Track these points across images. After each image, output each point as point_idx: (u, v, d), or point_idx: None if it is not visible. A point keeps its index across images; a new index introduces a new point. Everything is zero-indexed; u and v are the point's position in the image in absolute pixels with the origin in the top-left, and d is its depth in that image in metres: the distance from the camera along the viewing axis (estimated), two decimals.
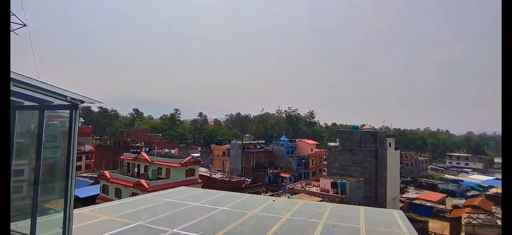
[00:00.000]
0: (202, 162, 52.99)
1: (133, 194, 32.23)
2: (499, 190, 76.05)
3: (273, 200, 12.73)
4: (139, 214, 9.99)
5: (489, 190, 77.72)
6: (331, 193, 42.29)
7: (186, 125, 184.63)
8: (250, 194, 15.38)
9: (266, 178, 69.17)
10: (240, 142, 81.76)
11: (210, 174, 57.66)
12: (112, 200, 31.31)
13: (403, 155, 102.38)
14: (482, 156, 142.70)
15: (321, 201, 34.55)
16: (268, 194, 49.40)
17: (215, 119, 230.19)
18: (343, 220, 10.02)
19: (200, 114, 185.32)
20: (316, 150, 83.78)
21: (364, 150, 50.50)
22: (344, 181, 43.76)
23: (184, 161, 42.00)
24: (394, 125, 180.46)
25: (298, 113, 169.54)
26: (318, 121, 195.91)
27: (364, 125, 63.88)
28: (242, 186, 52.32)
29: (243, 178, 61.23)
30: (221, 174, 61.56)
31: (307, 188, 46.89)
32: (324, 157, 76.76)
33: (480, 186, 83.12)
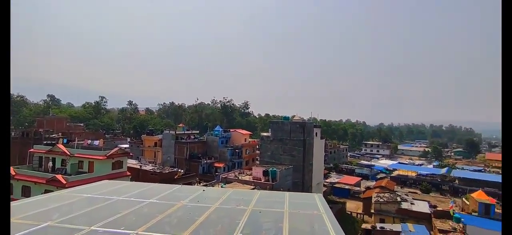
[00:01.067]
0: (131, 154, 49.49)
1: (47, 192, 28.37)
2: (401, 172, 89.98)
3: (203, 190, 12.74)
4: (49, 214, 8.90)
5: (393, 172, 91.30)
6: (262, 181, 44.14)
7: (114, 114, 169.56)
8: (180, 185, 15.07)
9: (200, 168, 68.41)
10: (173, 132, 78.86)
11: (141, 166, 54.37)
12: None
13: (327, 144, 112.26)
14: (389, 144, 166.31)
15: (253, 189, 35.81)
16: (201, 184, 49.03)
17: (146, 108, 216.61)
18: (269, 206, 10.62)
19: (130, 102, 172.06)
20: (250, 140, 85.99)
21: (294, 139, 53.78)
22: (275, 169, 46.05)
23: (111, 153, 38.59)
24: (320, 116, 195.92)
25: (233, 104, 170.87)
26: (252, 111, 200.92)
27: (294, 116, 67.74)
28: (175, 177, 50.75)
29: (176, 169, 59.37)
30: (152, 166, 58.56)
31: (240, 177, 47.98)
32: (257, 147, 79.37)
33: (387, 169, 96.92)
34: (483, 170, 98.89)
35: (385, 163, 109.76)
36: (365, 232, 37.95)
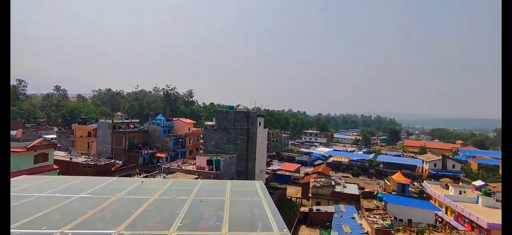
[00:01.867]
0: (58, 145, 44.37)
1: None
2: (336, 158, 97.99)
3: (142, 181, 12.19)
4: None
5: (329, 159, 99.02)
6: (206, 170, 43.90)
7: (37, 100, 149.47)
8: (116, 177, 14.14)
9: (140, 159, 64.87)
10: (110, 121, 72.97)
11: (71, 158, 49.27)
12: None
13: (270, 133, 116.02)
14: (326, 133, 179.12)
15: (196, 178, 35.41)
16: (142, 175, 46.63)
17: (78, 94, 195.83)
18: (211, 195, 10.68)
19: (57, 88, 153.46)
20: (194, 129, 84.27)
21: (238, 128, 54.35)
22: (219, 158, 46.13)
23: (32, 144, 34.12)
24: (264, 106, 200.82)
25: (176, 92, 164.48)
26: (197, 100, 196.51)
27: (238, 105, 68.27)
28: (112, 169, 47.28)
29: (113, 160, 55.26)
30: (85, 158, 53.51)
31: (183, 167, 46.94)
32: (201, 136, 78.27)
33: (323, 156, 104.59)
34: (401, 155, 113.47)
35: (322, 150, 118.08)
36: (303, 215, 40.62)
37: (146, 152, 66.85)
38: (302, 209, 43.36)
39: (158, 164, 62.61)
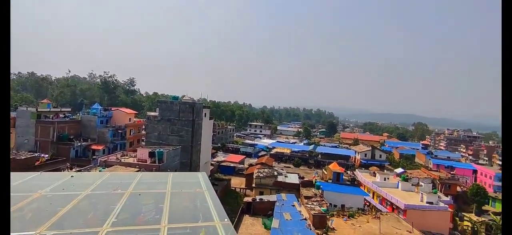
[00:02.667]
0: None
1: None
2: (278, 150, 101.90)
3: (72, 176, 11.14)
4: None
5: (272, 150, 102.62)
6: (148, 163, 41.84)
7: None
8: (40, 173, 12.65)
9: (72, 152, 58.64)
10: (34, 110, 64.19)
11: None
12: None
13: (216, 124, 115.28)
14: (270, 125, 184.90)
15: (137, 171, 33.53)
16: (73, 170, 42.35)
17: None
18: (151, 187, 10.31)
19: None
20: (135, 119, 79.22)
21: (183, 119, 52.77)
22: (162, 150, 44.32)
23: None
24: (210, 97, 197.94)
25: (116, 80, 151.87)
26: (139, 89, 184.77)
27: (184, 96, 66.23)
28: (36, 164, 41.90)
29: (37, 153, 48.94)
30: None
31: (123, 160, 43.98)
32: (143, 127, 74.10)
33: (267, 147, 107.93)
34: (337, 146, 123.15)
35: (266, 142, 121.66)
36: (246, 204, 41.59)
37: (79, 144, 60.74)
38: (245, 199, 44.29)
39: (94, 157, 57.54)
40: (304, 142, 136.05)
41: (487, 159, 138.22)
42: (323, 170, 70.34)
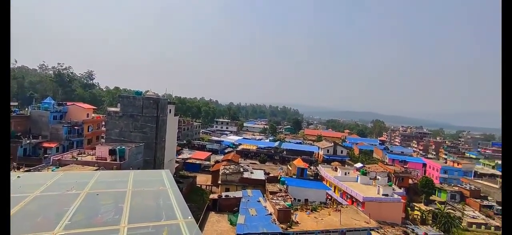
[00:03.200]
0: None
1: None
2: (245, 146, 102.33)
3: (18, 177, 10.25)
4: None
5: (239, 147, 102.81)
6: (108, 161, 39.73)
7: None
8: None
9: (19, 150, 53.63)
10: None
11: None
12: None
13: (181, 121, 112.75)
14: (237, 121, 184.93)
15: (96, 170, 31.68)
16: (21, 170, 38.79)
17: None
18: (110, 186, 9.84)
19: None
20: (94, 115, 74.60)
21: (146, 115, 50.78)
22: (124, 147, 42.33)
23: None
24: (175, 93, 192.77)
25: (72, 73, 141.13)
26: (98, 83, 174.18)
27: (147, 91, 63.75)
28: None
29: None
30: None
31: (80, 158, 41.27)
32: (103, 123, 70.06)
33: (233, 144, 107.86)
34: (302, 142, 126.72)
35: (232, 138, 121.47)
36: (212, 201, 41.34)
37: (27, 141, 55.77)
38: (211, 196, 44.01)
39: (45, 155, 53.20)
40: (270, 138, 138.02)
41: (435, 153, 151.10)
42: (288, 165, 72.04)
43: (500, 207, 64.20)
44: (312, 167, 71.56)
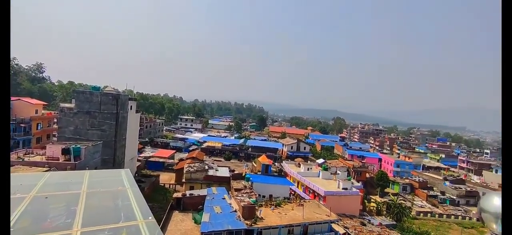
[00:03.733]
0: None
1: None
2: (210, 144, 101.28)
3: None
4: None
5: (204, 144, 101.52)
6: (61, 161, 36.96)
7: None
8: None
9: None
10: None
11: None
12: None
13: (143, 118, 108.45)
14: (202, 118, 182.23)
15: (46, 171, 29.30)
16: None
17: None
18: (62, 188, 9.22)
19: None
20: (44, 111, 68.71)
21: (105, 112, 48.04)
22: (79, 146, 39.66)
23: None
24: (137, 89, 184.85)
25: (17, 64, 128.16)
26: (49, 77, 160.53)
27: (106, 87, 60.26)
28: None
29: None
30: None
31: (27, 158, 37.82)
32: (55, 120, 64.88)
33: (198, 141, 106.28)
34: (266, 139, 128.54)
35: (197, 136, 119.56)
36: (176, 200, 40.40)
37: None
38: (175, 195, 42.98)
39: None
40: (235, 135, 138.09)
41: (389, 148, 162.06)
42: (253, 162, 72.72)
43: (443, 196, 71.02)
44: (276, 164, 72.99)
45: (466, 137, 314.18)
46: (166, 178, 60.97)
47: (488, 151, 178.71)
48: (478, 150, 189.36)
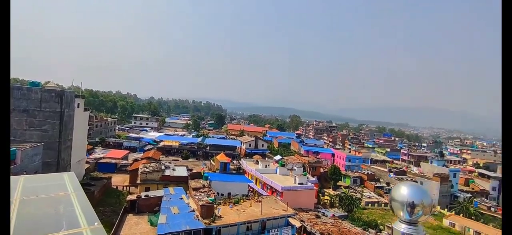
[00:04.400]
0: None
1: None
2: (166, 143, 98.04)
3: None
4: None
5: (160, 143, 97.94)
6: None
7: None
8: None
9: None
10: None
11: None
12: None
13: (93, 117, 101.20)
14: (158, 117, 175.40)
15: None
16: None
17: None
18: None
19: None
20: None
21: (46, 111, 43.80)
22: (14, 148, 35.66)
23: None
24: (86, 85, 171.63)
25: None
26: None
27: (48, 82, 55.13)
28: None
29: None
30: None
31: None
32: None
33: (154, 141, 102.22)
34: (225, 137, 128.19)
35: (153, 135, 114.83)
36: (130, 203, 38.50)
37: None
38: (129, 197, 40.91)
39: None
40: (193, 134, 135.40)
41: (341, 144, 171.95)
42: (211, 161, 72.04)
43: (388, 187, 77.54)
44: (234, 161, 73.21)
45: (407, 132, 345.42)
46: (119, 180, 57.74)
47: (425, 144, 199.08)
48: (417, 144, 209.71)
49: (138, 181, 47.61)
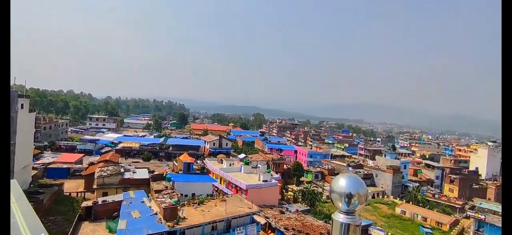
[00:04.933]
0: None
1: None
2: (126, 144, 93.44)
3: None
4: None
5: (119, 145, 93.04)
6: None
7: None
8: None
9: None
10: None
11: None
12: None
13: (41, 118, 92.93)
14: (116, 117, 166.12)
15: None
16: None
17: None
18: None
19: None
20: None
21: None
22: None
23: None
24: (31, 83, 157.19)
25: None
26: None
27: None
28: None
29: None
30: None
31: None
32: None
33: (112, 142, 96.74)
34: (188, 137, 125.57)
35: (111, 136, 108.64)
36: (86, 210, 36.13)
37: None
38: (84, 203, 38.35)
39: None
40: (155, 134, 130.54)
41: (303, 141, 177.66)
42: (174, 161, 70.23)
43: None
44: (198, 161, 72.14)
45: (363, 128, 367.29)
46: (72, 186, 53.80)
47: (379, 139, 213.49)
48: (372, 139, 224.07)
49: (95, 186, 44.84)
